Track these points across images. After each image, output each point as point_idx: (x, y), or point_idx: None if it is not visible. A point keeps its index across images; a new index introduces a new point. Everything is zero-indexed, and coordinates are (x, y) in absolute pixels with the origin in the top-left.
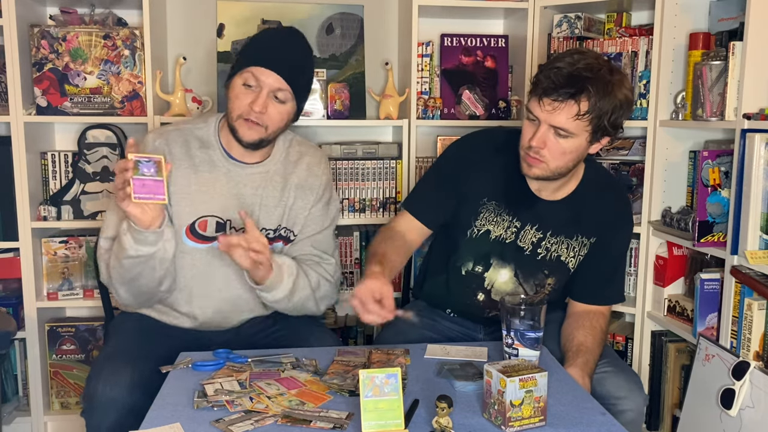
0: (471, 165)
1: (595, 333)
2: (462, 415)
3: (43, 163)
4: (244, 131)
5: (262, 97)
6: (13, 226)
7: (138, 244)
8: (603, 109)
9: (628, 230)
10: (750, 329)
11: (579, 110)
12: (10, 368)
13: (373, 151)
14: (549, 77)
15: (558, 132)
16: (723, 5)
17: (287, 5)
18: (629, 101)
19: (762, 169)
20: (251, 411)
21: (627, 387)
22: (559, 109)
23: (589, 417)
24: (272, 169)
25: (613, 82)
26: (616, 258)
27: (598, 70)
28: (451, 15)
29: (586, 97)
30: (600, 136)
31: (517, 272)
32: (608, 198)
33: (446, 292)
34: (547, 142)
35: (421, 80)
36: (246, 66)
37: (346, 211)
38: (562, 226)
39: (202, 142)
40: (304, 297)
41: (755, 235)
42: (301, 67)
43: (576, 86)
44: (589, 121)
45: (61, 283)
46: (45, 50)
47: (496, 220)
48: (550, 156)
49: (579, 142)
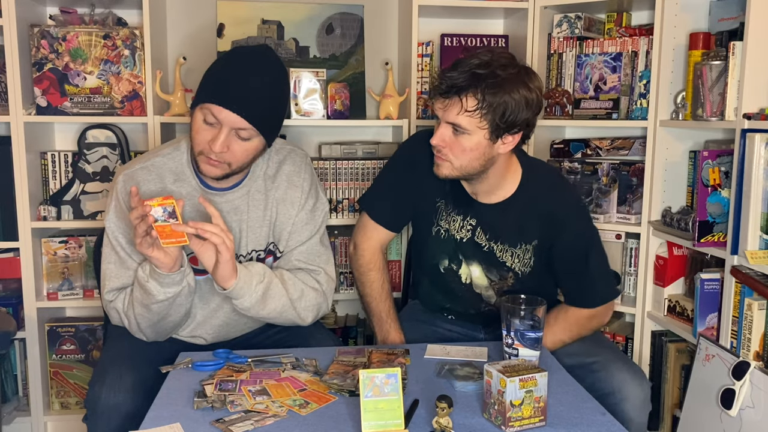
0: (421, 164)
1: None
2: (462, 415)
3: (43, 163)
4: (206, 168)
5: (222, 136)
6: (13, 226)
7: (165, 287)
8: (493, 105)
9: (575, 229)
10: (750, 329)
11: (466, 106)
12: (10, 368)
13: (373, 151)
14: (441, 76)
15: (455, 129)
16: (723, 5)
17: (287, 5)
18: (528, 99)
19: (762, 169)
20: (251, 411)
21: (629, 374)
22: (450, 106)
23: (589, 417)
24: (253, 187)
25: (505, 77)
26: (576, 259)
27: (488, 66)
28: (451, 15)
29: (472, 94)
30: (501, 133)
31: (483, 267)
32: (550, 199)
33: (436, 291)
34: (446, 140)
35: (421, 80)
36: (203, 101)
37: (345, 211)
38: (505, 234)
39: (176, 174)
40: (280, 306)
41: (755, 235)
42: (267, 100)
43: (463, 83)
44: (480, 117)
45: (61, 283)
46: (45, 50)
47: (449, 220)
48: (452, 154)
49: (477, 139)
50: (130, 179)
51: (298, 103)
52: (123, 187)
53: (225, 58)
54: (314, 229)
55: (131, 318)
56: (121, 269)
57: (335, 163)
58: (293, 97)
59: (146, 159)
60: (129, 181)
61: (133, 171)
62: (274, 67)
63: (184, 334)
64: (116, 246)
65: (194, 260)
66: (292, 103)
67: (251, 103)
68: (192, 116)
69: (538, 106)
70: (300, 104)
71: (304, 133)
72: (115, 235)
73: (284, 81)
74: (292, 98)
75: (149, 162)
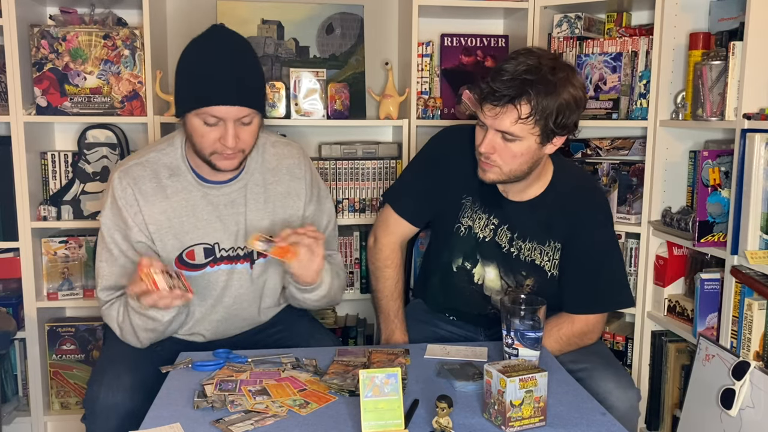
0: (450, 160)
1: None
2: (462, 415)
3: (43, 163)
4: (223, 164)
5: (230, 130)
6: (13, 226)
7: (168, 313)
8: (547, 111)
9: (598, 231)
10: (750, 329)
11: (520, 114)
12: (10, 368)
13: (373, 151)
14: (489, 83)
15: (505, 136)
16: (723, 5)
17: (287, 5)
18: (577, 99)
19: (762, 169)
20: (251, 411)
21: (614, 383)
22: (502, 114)
23: (589, 417)
24: (251, 181)
25: (556, 82)
26: (591, 262)
27: (538, 71)
28: (451, 15)
29: (526, 101)
30: (551, 136)
31: (500, 270)
32: (576, 199)
33: (443, 291)
34: (496, 147)
35: (421, 80)
36: (197, 107)
37: (346, 211)
38: (533, 232)
39: (171, 169)
40: (333, 291)
41: (755, 235)
42: (251, 78)
43: (515, 90)
44: (534, 124)
45: (61, 283)
46: (45, 50)
47: (474, 217)
48: (501, 160)
49: (528, 144)
50: (125, 175)
51: (298, 103)
52: (119, 184)
53: (190, 55)
54: (326, 218)
55: (128, 331)
56: (115, 267)
57: (335, 163)
58: (293, 97)
59: (141, 155)
60: (124, 177)
61: (129, 167)
62: (236, 41)
63: (183, 332)
64: (110, 243)
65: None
66: (293, 103)
67: (243, 89)
68: (185, 123)
69: (584, 104)
70: (300, 104)
71: (304, 133)
72: (111, 232)
73: (249, 48)
74: (293, 98)
75: (144, 158)
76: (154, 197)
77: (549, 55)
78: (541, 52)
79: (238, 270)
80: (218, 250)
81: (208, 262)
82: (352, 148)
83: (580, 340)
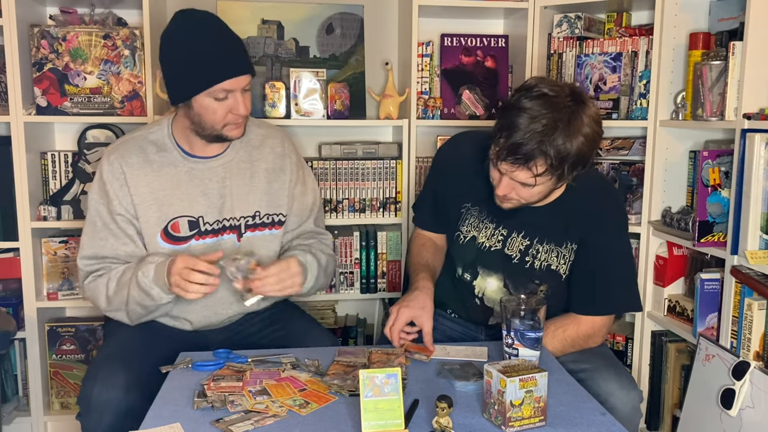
0: (453, 169)
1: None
2: (462, 415)
3: (43, 163)
4: (235, 133)
5: (240, 99)
6: (13, 226)
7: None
8: (563, 164)
9: (613, 232)
10: (750, 329)
11: (536, 172)
12: (10, 368)
13: (373, 151)
14: (501, 143)
15: (522, 183)
16: (723, 5)
17: (287, 5)
18: (593, 141)
19: (762, 169)
20: (251, 411)
21: (616, 383)
22: (517, 170)
23: (589, 417)
24: (236, 157)
25: (571, 133)
26: (604, 263)
27: (554, 128)
28: (451, 15)
29: (542, 160)
30: (569, 176)
31: (506, 281)
32: (591, 198)
33: (448, 293)
34: (514, 189)
35: (421, 80)
36: (209, 86)
37: (345, 211)
38: (551, 234)
39: (158, 145)
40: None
41: (755, 235)
42: (241, 46)
43: (530, 153)
44: (550, 175)
45: (61, 283)
46: (45, 50)
47: (479, 227)
48: (519, 197)
49: (546, 186)
50: (112, 152)
51: (298, 103)
52: (106, 160)
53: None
54: (312, 197)
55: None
56: (95, 238)
57: (335, 163)
58: (293, 97)
59: (128, 135)
60: (112, 153)
61: (116, 145)
62: (211, 18)
63: (170, 316)
64: (95, 216)
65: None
66: (293, 103)
67: (242, 58)
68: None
69: (600, 137)
70: (300, 104)
71: (304, 133)
72: (96, 206)
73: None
74: (293, 98)
75: (130, 136)
76: (140, 170)
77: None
78: (555, 92)
79: (224, 241)
80: (203, 224)
81: (193, 234)
82: (352, 148)
83: (584, 343)
